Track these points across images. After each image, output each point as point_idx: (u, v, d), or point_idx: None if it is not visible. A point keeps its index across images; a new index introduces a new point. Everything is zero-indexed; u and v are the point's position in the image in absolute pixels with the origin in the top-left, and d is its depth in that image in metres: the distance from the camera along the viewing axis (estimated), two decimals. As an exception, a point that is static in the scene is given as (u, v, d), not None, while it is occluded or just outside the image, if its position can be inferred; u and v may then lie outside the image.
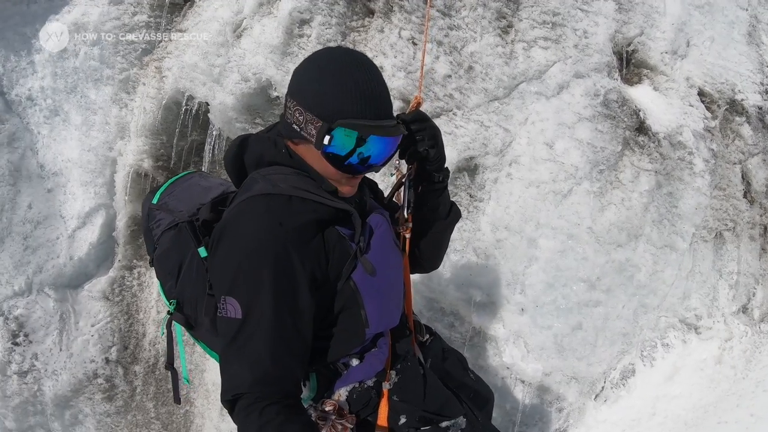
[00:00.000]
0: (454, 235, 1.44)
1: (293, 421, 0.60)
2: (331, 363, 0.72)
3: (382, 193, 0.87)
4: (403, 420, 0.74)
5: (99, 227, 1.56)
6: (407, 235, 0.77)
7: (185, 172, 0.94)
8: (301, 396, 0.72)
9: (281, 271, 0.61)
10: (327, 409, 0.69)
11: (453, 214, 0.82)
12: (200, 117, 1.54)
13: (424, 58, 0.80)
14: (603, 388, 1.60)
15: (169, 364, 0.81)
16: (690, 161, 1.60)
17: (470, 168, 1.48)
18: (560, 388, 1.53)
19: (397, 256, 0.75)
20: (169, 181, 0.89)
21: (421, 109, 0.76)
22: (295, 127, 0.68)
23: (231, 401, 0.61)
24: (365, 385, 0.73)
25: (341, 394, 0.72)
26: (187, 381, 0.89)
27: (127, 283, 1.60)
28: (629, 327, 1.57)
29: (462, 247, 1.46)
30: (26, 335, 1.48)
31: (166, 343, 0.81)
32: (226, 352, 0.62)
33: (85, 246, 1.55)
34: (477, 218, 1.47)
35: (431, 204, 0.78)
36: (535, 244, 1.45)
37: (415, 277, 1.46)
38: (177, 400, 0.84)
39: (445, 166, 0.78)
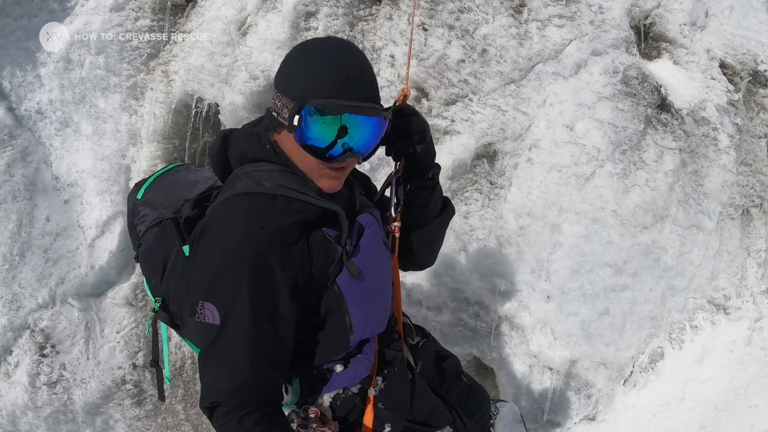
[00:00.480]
0: (477, 223, 1.42)
1: (272, 431, 0.59)
2: (315, 368, 0.70)
3: (375, 188, 0.83)
4: (387, 429, 0.73)
5: (117, 235, 1.56)
6: (396, 235, 0.74)
7: (172, 165, 0.90)
8: (285, 400, 0.71)
9: (260, 277, 0.59)
10: (309, 416, 0.67)
11: (446, 212, 0.79)
12: (211, 118, 1.52)
13: (410, 46, 0.75)
14: (632, 372, 1.58)
15: (154, 362, 0.80)
16: (714, 137, 1.54)
17: (489, 154, 1.45)
18: (588, 375, 1.51)
19: (386, 257, 0.72)
20: (155, 175, 0.86)
21: (437, 93, 0.72)
22: (275, 114, 0.65)
23: (209, 408, 0.60)
24: (349, 392, 0.71)
25: (325, 400, 0.70)
26: (169, 381, 0.86)
27: (150, 289, 1.61)
28: (657, 310, 1.54)
29: (485, 235, 1.43)
30: (53, 346, 1.50)
31: (151, 342, 0.80)
32: (205, 358, 0.61)
33: (105, 254, 1.55)
34: (498, 206, 1.44)
35: (422, 202, 0.75)
36: (558, 229, 1.42)
37: (438, 268, 1.46)
38: (161, 397, 0.84)
39: (436, 161, 0.75)
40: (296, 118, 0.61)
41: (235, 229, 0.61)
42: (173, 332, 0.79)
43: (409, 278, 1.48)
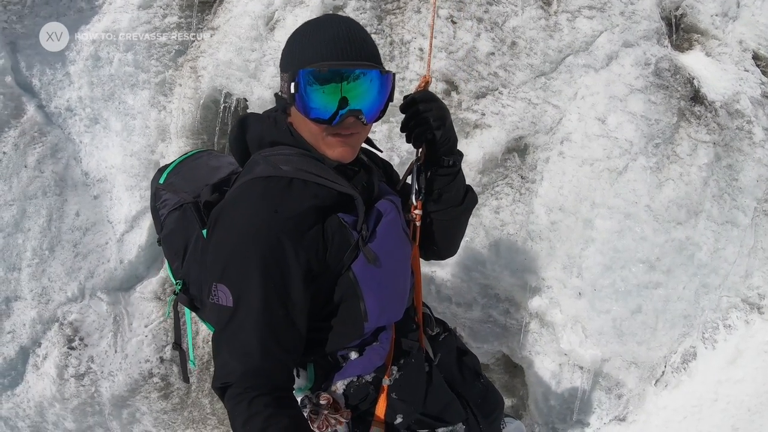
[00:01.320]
0: (508, 218, 1.40)
1: (281, 414, 0.58)
2: (329, 355, 0.69)
3: (398, 176, 0.82)
4: (399, 419, 0.71)
5: (146, 230, 1.56)
6: (417, 223, 0.73)
7: (194, 151, 0.91)
8: (298, 386, 0.70)
9: (273, 262, 0.59)
10: (321, 402, 0.67)
11: (468, 200, 0.78)
12: (240, 113, 1.52)
13: (432, 33, 0.74)
14: (663, 372, 1.54)
15: (176, 345, 0.80)
16: (749, 130, 1.50)
17: (520, 148, 1.43)
18: (619, 374, 1.48)
19: (405, 245, 0.71)
20: (177, 160, 0.86)
21: (467, 86, 0.71)
22: (280, 93, 0.66)
23: (221, 389, 0.60)
24: (363, 380, 0.70)
25: (338, 387, 0.69)
26: (193, 363, 0.87)
27: (178, 284, 1.62)
28: (690, 308, 1.50)
29: (516, 230, 1.41)
30: (81, 339, 1.51)
31: (173, 324, 0.80)
32: (218, 339, 0.61)
33: (134, 249, 1.56)
34: (530, 200, 1.42)
35: (443, 189, 0.74)
36: (591, 225, 1.39)
37: (468, 263, 1.44)
38: (186, 378, 0.83)
39: (458, 149, 0.73)
40: (292, 86, 0.61)
41: (249, 212, 0.61)
42: (182, 313, 0.79)
43: (439, 273, 1.46)
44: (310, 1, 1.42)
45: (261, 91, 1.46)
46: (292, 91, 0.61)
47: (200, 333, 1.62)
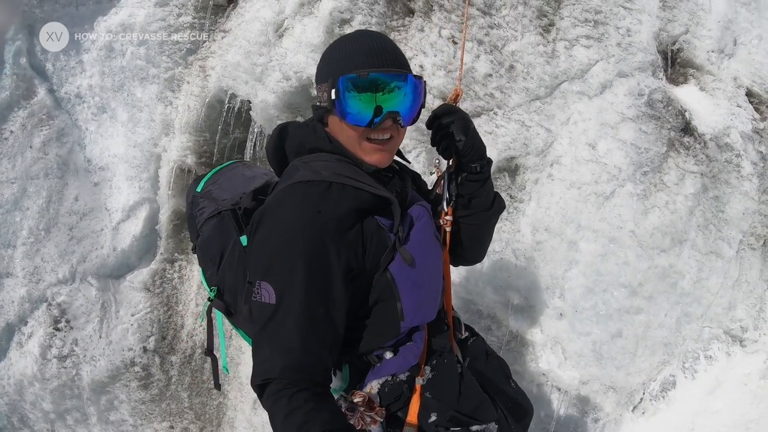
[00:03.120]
0: (494, 236, 1.40)
1: (321, 409, 0.59)
2: (365, 354, 0.71)
3: (426, 185, 0.86)
4: (433, 418, 0.72)
5: (143, 220, 1.60)
6: (448, 229, 0.76)
7: (229, 162, 0.95)
8: (334, 386, 0.72)
9: (316, 260, 0.61)
10: (356, 400, 0.68)
11: (496, 205, 0.81)
12: (242, 115, 1.56)
13: (464, 49, 0.79)
14: (641, 399, 1.54)
15: (209, 351, 0.81)
16: (737, 164, 1.53)
17: (511, 168, 1.47)
18: (597, 398, 1.48)
19: (437, 249, 0.74)
20: (214, 170, 0.90)
21: (460, 105, 0.75)
22: (318, 103, 0.70)
23: (261, 385, 0.61)
24: (398, 379, 0.71)
25: (373, 386, 0.71)
26: (226, 369, 0.88)
27: (168, 275, 1.64)
28: (671, 337, 1.51)
29: (501, 248, 1.44)
30: (68, 321, 1.53)
31: (206, 330, 0.82)
32: (259, 336, 0.63)
33: (129, 238, 1.59)
34: (517, 219, 1.45)
35: (472, 195, 0.77)
36: (575, 247, 1.42)
37: (452, 278, 1.45)
38: (217, 386, 0.85)
39: (487, 156, 0.76)
40: (332, 92, 0.65)
41: (292, 214, 0.63)
42: (214, 320, 0.81)
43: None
44: (319, 13, 1.47)
45: (265, 94, 1.50)
46: (333, 97, 0.65)
47: (185, 327, 1.64)
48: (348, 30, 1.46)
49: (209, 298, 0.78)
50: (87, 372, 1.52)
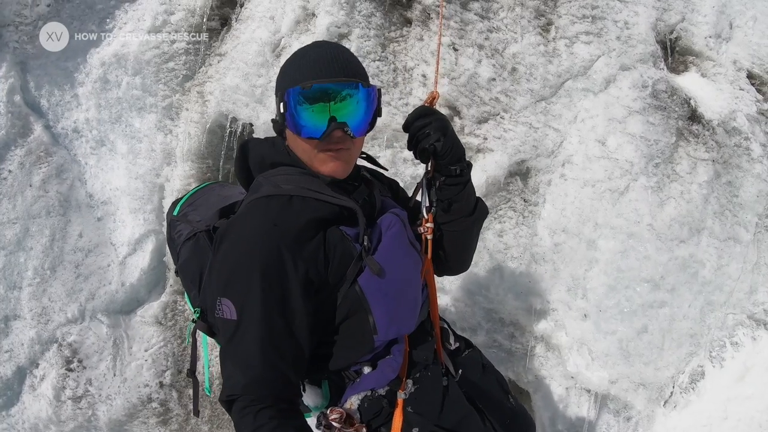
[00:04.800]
0: (511, 241, 1.41)
1: (286, 426, 0.59)
2: (342, 370, 0.69)
3: (404, 193, 0.83)
4: None
5: (149, 253, 1.57)
6: (429, 236, 0.73)
7: (206, 183, 0.94)
8: (315, 404, 0.70)
9: (272, 272, 0.60)
10: (332, 417, 0.66)
11: (478, 211, 0.78)
12: (245, 138, 1.54)
13: (439, 49, 0.77)
14: (672, 393, 1.52)
15: (191, 372, 0.80)
16: (747, 147, 1.53)
17: (522, 172, 1.46)
18: (627, 396, 1.45)
19: (412, 258, 0.71)
20: (190, 193, 0.90)
21: (469, 111, 0.73)
22: (276, 118, 0.69)
23: (227, 402, 0.61)
24: (377, 394, 0.69)
25: (353, 402, 0.69)
26: (208, 391, 0.87)
27: (180, 307, 1.60)
28: (696, 327, 1.49)
29: (519, 254, 1.41)
30: (80, 361, 1.48)
31: (190, 352, 0.81)
32: (223, 352, 0.62)
33: (137, 272, 1.55)
34: (533, 223, 1.43)
35: (452, 199, 0.74)
36: (594, 245, 1.40)
37: (472, 287, 1.43)
38: (196, 412, 0.82)
39: (467, 159, 0.74)
40: (281, 105, 0.64)
41: (250, 228, 0.63)
42: (199, 341, 0.80)
43: (443, 299, 1.45)
44: (316, 29, 1.45)
45: (267, 116, 1.48)
46: (282, 111, 0.64)
47: (200, 359, 1.59)
48: (346, 45, 1.45)
49: (193, 319, 0.77)
50: (103, 412, 1.48)
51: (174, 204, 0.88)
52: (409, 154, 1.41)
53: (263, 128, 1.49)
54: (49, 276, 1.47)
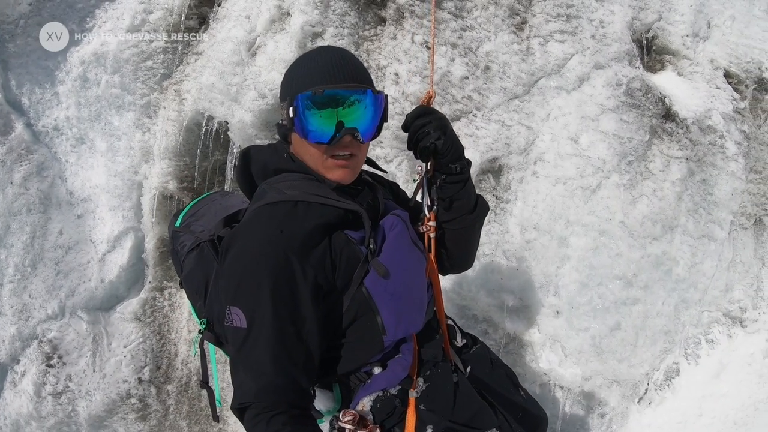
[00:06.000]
0: (483, 238, 1.40)
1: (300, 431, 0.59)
2: (353, 372, 0.70)
3: (404, 194, 0.85)
4: (429, 431, 0.71)
5: (128, 250, 1.58)
6: (432, 235, 0.74)
7: (207, 193, 0.95)
8: (327, 407, 0.71)
9: (281, 279, 0.60)
10: (345, 420, 0.66)
11: (479, 208, 0.79)
12: (221, 136, 1.55)
13: (433, 51, 0.78)
14: (647, 390, 1.53)
15: (204, 383, 0.81)
16: (722, 145, 1.53)
17: (494, 169, 1.46)
18: (601, 393, 1.47)
19: (415, 257, 0.72)
20: (191, 203, 0.91)
21: (441, 108, 0.75)
22: (281, 122, 0.69)
23: (239, 410, 0.61)
24: (389, 393, 0.70)
25: (365, 403, 0.69)
26: (219, 402, 0.87)
27: (158, 304, 1.62)
28: (671, 324, 1.50)
29: (491, 250, 1.42)
30: (60, 357, 1.50)
31: (200, 363, 0.81)
32: (234, 360, 0.63)
33: (116, 269, 1.57)
34: (504, 220, 1.43)
35: (453, 197, 0.75)
36: (566, 242, 1.41)
37: (444, 284, 1.44)
38: (215, 418, 0.83)
39: (466, 157, 0.75)
40: (291, 110, 0.65)
41: (257, 236, 0.63)
42: (207, 352, 0.80)
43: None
44: (290, 28, 1.46)
45: (242, 114, 1.49)
46: (291, 115, 0.64)
47: (179, 354, 1.61)
48: (321, 43, 1.46)
49: (200, 330, 0.77)
50: (83, 407, 1.50)
51: (176, 215, 0.88)
52: (384, 152, 1.43)
53: (238, 126, 1.50)
54: (29, 273, 1.49)
